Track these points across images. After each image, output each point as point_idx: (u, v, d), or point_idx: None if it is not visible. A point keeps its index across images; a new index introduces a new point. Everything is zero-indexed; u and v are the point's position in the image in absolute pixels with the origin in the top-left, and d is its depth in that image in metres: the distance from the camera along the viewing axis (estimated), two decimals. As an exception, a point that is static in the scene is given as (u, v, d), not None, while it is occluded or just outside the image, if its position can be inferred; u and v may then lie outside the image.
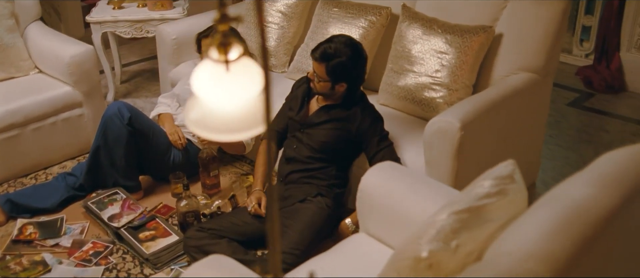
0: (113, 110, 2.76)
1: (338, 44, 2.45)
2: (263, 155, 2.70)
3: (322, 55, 2.44)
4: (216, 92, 0.97)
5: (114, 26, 3.74)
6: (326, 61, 2.42)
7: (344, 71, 2.44)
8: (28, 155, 3.07)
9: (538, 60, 2.71)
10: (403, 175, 1.96)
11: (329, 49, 2.44)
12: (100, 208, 2.68)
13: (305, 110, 2.63)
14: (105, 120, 2.75)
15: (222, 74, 0.96)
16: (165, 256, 2.46)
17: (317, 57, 2.44)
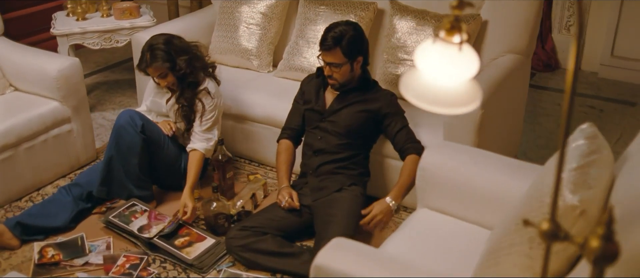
0: (125, 118, 2.71)
1: (340, 26, 2.55)
2: (284, 153, 2.76)
3: (333, 40, 2.49)
4: (445, 69, 1.09)
5: (82, 38, 3.61)
6: (339, 43, 2.49)
7: (357, 43, 2.54)
8: (22, 177, 2.91)
9: (522, 42, 3.00)
10: (461, 150, 2.15)
11: (335, 34, 2.51)
12: (124, 222, 2.62)
13: (322, 102, 2.72)
14: (118, 129, 2.69)
15: (454, 54, 1.08)
16: (208, 259, 2.47)
17: (330, 44, 2.49)
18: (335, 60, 2.52)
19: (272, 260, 2.42)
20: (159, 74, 2.72)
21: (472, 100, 1.13)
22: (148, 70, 2.74)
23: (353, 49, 2.53)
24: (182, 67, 2.70)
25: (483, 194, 2.02)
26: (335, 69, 2.54)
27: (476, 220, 2.05)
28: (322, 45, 2.54)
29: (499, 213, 1.97)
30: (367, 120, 2.62)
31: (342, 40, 2.50)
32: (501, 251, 1.56)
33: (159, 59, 2.67)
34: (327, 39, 2.52)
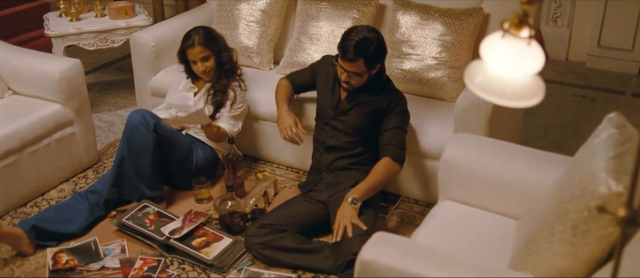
0: (137, 118, 2.68)
1: (362, 33, 2.48)
2: (283, 88, 2.89)
3: (357, 51, 2.43)
4: (514, 63, 1.11)
5: (77, 39, 3.54)
6: (363, 55, 2.45)
7: (380, 54, 2.54)
8: (26, 182, 2.85)
9: (523, 34, 3.05)
10: (483, 143, 2.19)
11: (360, 43, 2.43)
12: (138, 224, 2.59)
13: (337, 97, 2.69)
14: (130, 129, 2.66)
15: (522, 48, 1.11)
16: (227, 259, 2.46)
17: (353, 56, 2.44)
18: (357, 70, 2.49)
19: (293, 256, 2.43)
20: (204, 56, 2.86)
21: (536, 94, 1.15)
22: (193, 50, 2.86)
23: (376, 60, 2.51)
24: (224, 56, 2.92)
25: (506, 185, 2.06)
26: (355, 77, 2.52)
27: (500, 211, 2.09)
28: (345, 56, 2.46)
29: (523, 203, 2.01)
30: (376, 119, 2.62)
31: (367, 51, 2.45)
32: (540, 240, 1.60)
33: (210, 40, 2.87)
34: (349, 49, 2.43)
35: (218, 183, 3.03)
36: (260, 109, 3.14)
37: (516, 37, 1.10)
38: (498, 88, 1.13)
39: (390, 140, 2.56)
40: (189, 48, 2.89)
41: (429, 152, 2.78)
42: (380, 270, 1.57)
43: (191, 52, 2.88)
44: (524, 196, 2.01)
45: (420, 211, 2.82)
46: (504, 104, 1.14)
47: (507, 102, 1.14)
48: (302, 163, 3.14)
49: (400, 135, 2.58)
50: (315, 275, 2.41)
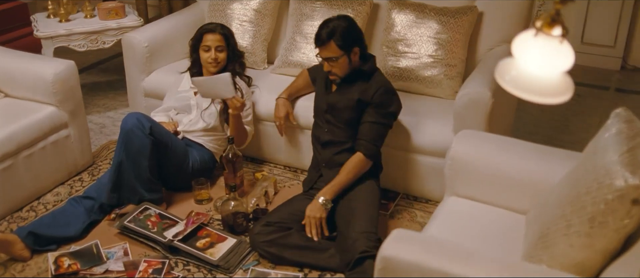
0: (132, 122, 2.65)
1: (332, 21, 2.57)
2: (302, 79, 2.99)
3: (327, 34, 2.52)
4: (546, 61, 1.14)
5: (67, 40, 3.49)
6: (332, 37, 2.51)
7: (350, 34, 2.55)
8: (22, 186, 2.81)
9: (517, 32, 3.06)
10: (488, 139, 2.22)
11: (328, 27, 2.53)
12: (141, 226, 2.57)
13: (330, 91, 2.70)
14: (126, 132, 2.63)
15: (554, 46, 1.14)
16: (233, 259, 2.46)
17: (324, 39, 2.52)
18: (332, 54, 2.54)
19: (299, 254, 2.44)
20: (219, 45, 2.94)
21: (565, 91, 1.18)
22: (213, 35, 2.94)
23: (347, 40, 2.54)
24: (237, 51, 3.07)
25: (512, 180, 2.10)
26: (333, 63, 2.56)
27: (506, 205, 2.13)
28: (317, 42, 2.57)
29: (529, 197, 2.06)
30: (364, 110, 2.61)
31: (335, 33, 2.52)
32: (556, 233, 1.63)
33: (229, 36, 3.00)
34: (320, 34, 2.54)
35: (216, 184, 3.02)
36: (257, 109, 3.14)
37: (549, 36, 1.13)
38: (530, 85, 1.16)
39: (366, 135, 2.57)
40: (208, 32, 2.94)
41: (427, 149, 2.81)
42: (401, 266, 1.59)
43: (210, 37, 2.93)
44: (531, 191, 2.05)
45: (420, 208, 2.86)
46: (536, 100, 1.17)
47: (539, 99, 1.17)
48: (299, 162, 3.15)
49: (375, 130, 2.58)
50: (322, 274, 2.42)
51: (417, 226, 2.71)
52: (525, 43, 1.15)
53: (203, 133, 2.96)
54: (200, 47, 2.97)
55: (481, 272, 1.53)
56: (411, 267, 1.58)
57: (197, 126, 2.94)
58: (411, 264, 1.58)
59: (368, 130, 2.57)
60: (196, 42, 2.99)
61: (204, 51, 2.95)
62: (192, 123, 2.95)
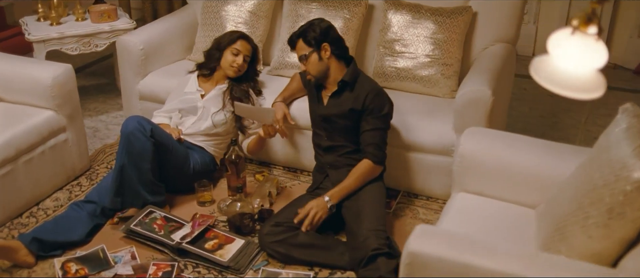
0: (133, 124, 2.64)
1: (305, 23, 2.72)
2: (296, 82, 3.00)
3: (298, 34, 2.65)
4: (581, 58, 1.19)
5: (60, 43, 3.45)
6: (302, 36, 2.64)
7: (319, 32, 2.61)
8: (21, 192, 2.77)
9: (510, 31, 3.19)
10: (495, 135, 2.28)
11: (300, 28, 2.68)
12: (147, 230, 2.56)
13: (321, 102, 2.73)
14: (127, 135, 2.61)
15: (590, 44, 1.19)
16: (243, 259, 2.46)
17: (294, 38, 2.66)
18: (302, 52, 2.64)
19: (309, 253, 2.46)
20: (247, 55, 3.02)
21: (599, 87, 1.23)
22: (244, 43, 3.00)
23: (315, 37, 2.61)
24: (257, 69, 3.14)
25: (521, 175, 2.16)
26: (305, 62, 2.64)
27: (515, 200, 2.18)
28: (290, 43, 2.70)
29: (538, 192, 2.12)
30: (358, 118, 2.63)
31: (304, 32, 2.64)
32: (575, 225, 1.69)
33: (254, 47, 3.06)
34: (292, 35, 2.69)
35: (217, 186, 3.02)
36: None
37: (585, 34, 1.18)
38: (566, 81, 1.21)
39: (369, 143, 2.58)
40: (240, 39, 3.00)
41: (428, 147, 2.85)
42: (427, 260, 1.62)
43: (242, 44, 3.00)
44: (539, 185, 2.11)
45: (422, 205, 2.90)
46: (572, 96, 1.22)
47: (575, 94, 1.22)
48: (298, 163, 3.17)
49: (378, 135, 2.60)
50: (332, 272, 2.44)
51: (420, 223, 2.76)
52: (562, 41, 1.19)
53: (205, 136, 2.96)
54: (230, 48, 2.99)
55: (506, 264, 1.58)
56: (437, 261, 1.62)
57: (203, 127, 2.93)
58: (437, 259, 1.62)
59: (370, 137, 2.60)
60: (226, 43, 3.00)
61: (231, 54, 2.98)
62: (198, 124, 2.94)
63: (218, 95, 2.98)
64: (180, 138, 2.86)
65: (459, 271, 1.60)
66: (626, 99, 4.12)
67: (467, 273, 1.59)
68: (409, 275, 1.66)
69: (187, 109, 2.99)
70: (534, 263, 1.57)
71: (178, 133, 2.86)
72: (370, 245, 2.31)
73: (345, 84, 2.63)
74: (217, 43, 3.06)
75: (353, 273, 2.42)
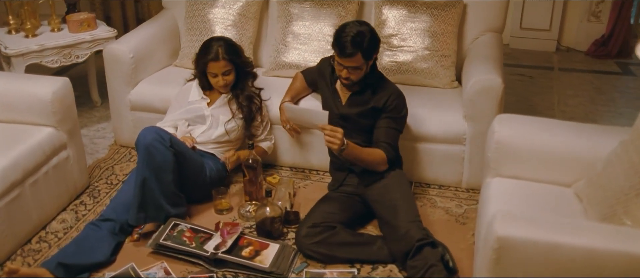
0: (152, 135, 2.54)
1: (356, 28, 2.50)
2: (299, 82, 2.99)
3: (354, 45, 2.47)
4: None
5: (40, 56, 3.24)
6: (360, 48, 2.48)
7: (375, 45, 2.57)
8: (29, 216, 2.60)
9: (498, 21, 3.33)
10: (525, 121, 2.38)
11: (356, 38, 2.47)
12: (178, 243, 2.48)
13: (338, 100, 2.73)
14: (147, 147, 2.51)
15: None
16: (283, 263, 2.44)
17: (351, 51, 2.47)
18: (356, 64, 2.53)
19: (349, 250, 2.47)
20: (226, 70, 2.83)
21: None
22: (216, 63, 2.80)
23: (372, 51, 2.56)
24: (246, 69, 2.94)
25: (555, 156, 2.27)
26: (353, 72, 2.56)
27: (550, 180, 2.29)
28: (344, 52, 2.49)
29: (572, 170, 2.24)
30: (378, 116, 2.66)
31: (363, 44, 2.49)
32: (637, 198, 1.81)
33: (233, 54, 2.84)
34: (347, 45, 2.48)
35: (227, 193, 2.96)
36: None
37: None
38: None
39: (385, 138, 2.61)
40: (212, 61, 2.81)
41: (439, 137, 2.93)
42: (517, 244, 1.69)
43: (214, 66, 2.82)
44: (573, 164, 2.24)
45: (437, 194, 2.98)
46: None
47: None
48: (307, 163, 3.17)
49: (392, 134, 2.64)
50: (374, 267, 2.46)
51: (440, 211, 2.83)
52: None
53: (216, 144, 2.89)
54: (207, 72, 2.87)
55: (593, 240, 1.67)
56: (525, 243, 1.69)
57: (215, 135, 2.87)
58: (525, 241, 1.69)
59: (385, 135, 2.62)
60: (201, 68, 2.88)
61: (211, 77, 2.88)
62: (209, 133, 2.87)
63: (224, 103, 2.92)
64: (195, 146, 2.78)
65: (548, 251, 1.68)
66: (584, 79, 4.46)
67: (556, 252, 1.67)
68: (498, 260, 1.72)
69: (194, 118, 2.91)
70: (620, 237, 1.67)
71: (192, 141, 2.78)
72: (413, 236, 2.35)
73: (369, 85, 2.65)
74: (196, 67, 2.93)
75: (394, 266, 2.45)
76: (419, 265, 2.29)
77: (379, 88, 2.66)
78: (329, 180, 3.06)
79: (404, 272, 2.42)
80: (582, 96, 4.16)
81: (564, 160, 2.27)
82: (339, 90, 2.76)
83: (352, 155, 2.49)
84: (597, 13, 4.89)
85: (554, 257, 1.67)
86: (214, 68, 2.83)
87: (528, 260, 1.70)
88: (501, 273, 1.73)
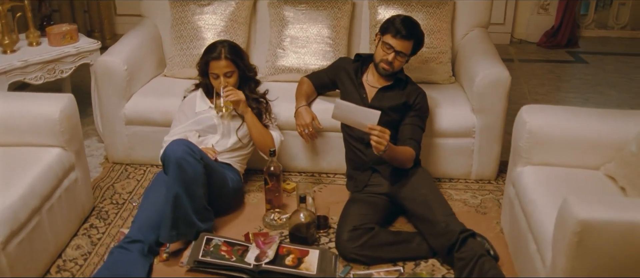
0: (182, 148, 2.44)
1: (409, 18, 2.68)
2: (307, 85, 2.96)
3: (410, 29, 2.63)
4: None
5: (23, 73, 3.01)
6: (414, 36, 2.65)
7: (423, 39, 2.71)
8: (47, 245, 2.42)
9: (484, 17, 3.46)
10: (551, 110, 2.50)
11: (412, 23, 2.65)
12: (217, 258, 2.40)
13: (364, 96, 2.77)
14: (178, 161, 2.41)
15: None
16: (328, 268, 2.42)
17: (406, 34, 2.61)
18: (405, 50, 2.64)
19: (392, 249, 2.48)
20: (228, 71, 2.75)
21: None
22: (218, 62, 2.73)
23: (419, 45, 2.70)
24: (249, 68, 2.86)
25: (582, 141, 2.40)
26: (399, 58, 2.66)
27: (579, 164, 2.42)
28: (399, 33, 2.61)
29: (599, 153, 2.38)
30: (406, 112, 2.73)
31: (418, 32, 2.65)
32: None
33: (236, 55, 2.77)
34: (404, 27, 2.62)
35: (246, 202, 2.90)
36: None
37: None
38: None
39: (413, 135, 2.67)
40: (214, 60, 2.73)
41: (449, 132, 3.01)
42: (598, 225, 1.77)
43: (216, 65, 2.73)
44: (601, 148, 2.38)
45: (449, 187, 3.06)
46: None
47: None
48: (317, 167, 3.15)
49: (419, 133, 2.71)
50: (416, 263, 2.49)
51: (459, 203, 2.91)
52: None
53: (231, 153, 2.82)
54: (208, 74, 2.79)
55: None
56: (606, 224, 1.77)
57: (230, 143, 2.79)
58: (606, 222, 1.77)
59: (412, 132, 2.68)
60: (203, 69, 2.81)
61: (213, 78, 2.79)
62: (223, 141, 2.79)
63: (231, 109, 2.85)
64: (216, 158, 2.70)
65: (627, 230, 1.77)
66: (545, 68, 4.72)
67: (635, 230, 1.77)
68: (579, 243, 1.80)
69: (204, 128, 2.82)
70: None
71: (214, 152, 2.69)
72: (455, 229, 2.41)
73: (401, 80, 2.69)
74: (199, 70, 2.86)
75: (435, 261, 2.50)
76: (468, 257, 2.34)
77: (407, 85, 2.72)
78: (340, 182, 3.07)
79: (446, 266, 2.46)
80: (548, 85, 4.40)
81: (591, 145, 2.40)
82: (365, 84, 2.77)
83: (391, 155, 2.51)
84: (545, 6, 5.19)
85: (633, 235, 1.77)
86: (215, 68, 2.75)
87: (608, 241, 1.78)
88: (582, 256, 1.81)
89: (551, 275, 1.94)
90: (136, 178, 3.12)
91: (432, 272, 2.44)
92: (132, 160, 3.22)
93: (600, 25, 5.48)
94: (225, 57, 2.73)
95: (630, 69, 4.73)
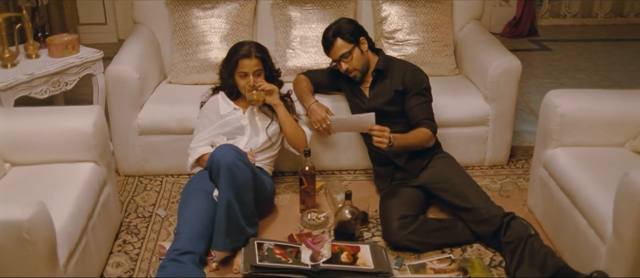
0: (231, 153, 2.39)
1: (332, 23, 2.77)
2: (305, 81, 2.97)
3: (332, 34, 2.70)
4: None
5: (29, 87, 2.84)
6: (337, 34, 2.69)
7: (353, 27, 2.74)
8: (93, 265, 2.31)
9: (479, 9, 3.60)
10: (578, 93, 2.65)
11: (330, 29, 2.72)
12: (274, 261, 2.37)
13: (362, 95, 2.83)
14: (229, 166, 2.36)
15: None
16: (384, 262, 2.45)
17: (330, 39, 2.70)
18: (342, 50, 2.69)
19: (439, 235, 2.55)
20: (257, 69, 2.73)
21: None
22: (249, 60, 2.71)
23: (352, 33, 2.72)
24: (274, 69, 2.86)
25: (608, 120, 2.56)
26: (348, 59, 2.71)
27: (605, 142, 2.58)
28: (325, 46, 2.73)
29: (623, 131, 2.56)
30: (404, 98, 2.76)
31: (339, 30, 2.70)
32: None
33: (265, 54, 2.79)
34: (327, 37, 2.72)
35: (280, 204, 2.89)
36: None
37: None
38: None
39: (422, 114, 2.70)
40: (244, 58, 2.71)
41: (464, 121, 3.12)
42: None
43: (246, 63, 2.71)
44: (625, 126, 2.55)
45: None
46: None
47: None
48: (337, 163, 3.17)
49: (427, 108, 2.74)
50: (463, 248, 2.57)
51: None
52: None
53: (261, 154, 2.79)
54: (236, 72, 2.75)
55: None
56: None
57: (260, 142, 2.76)
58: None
59: (421, 111, 2.71)
60: (231, 68, 2.76)
61: (240, 77, 2.75)
62: (253, 141, 2.75)
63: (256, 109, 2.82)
64: (255, 161, 2.66)
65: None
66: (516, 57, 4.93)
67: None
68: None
69: (232, 131, 2.77)
70: None
71: (253, 156, 2.65)
72: (497, 214, 2.50)
73: (379, 72, 2.75)
74: (224, 69, 2.82)
75: (479, 245, 2.58)
76: (516, 240, 2.43)
77: (390, 70, 2.76)
78: (363, 177, 3.11)
79: (490, 249, 2.56)
80: (525, 72, 4.59)
81: (616, 123, 2.57)
82: (362, 88, 2.84)
83: (400, 146, 2.56)
84: (506, -3, 5.44)
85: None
86: (245, 66, 2.71)
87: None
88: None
89: (616, 246, 2.07)
90: (154, 189, 3.01)
91: (480, 256, 2.53)
92: (145, 171, 3.11)
93: (554, 14, 5.80)
94: (255, 56, 2.71)
95: (590, 54, 5.04)
